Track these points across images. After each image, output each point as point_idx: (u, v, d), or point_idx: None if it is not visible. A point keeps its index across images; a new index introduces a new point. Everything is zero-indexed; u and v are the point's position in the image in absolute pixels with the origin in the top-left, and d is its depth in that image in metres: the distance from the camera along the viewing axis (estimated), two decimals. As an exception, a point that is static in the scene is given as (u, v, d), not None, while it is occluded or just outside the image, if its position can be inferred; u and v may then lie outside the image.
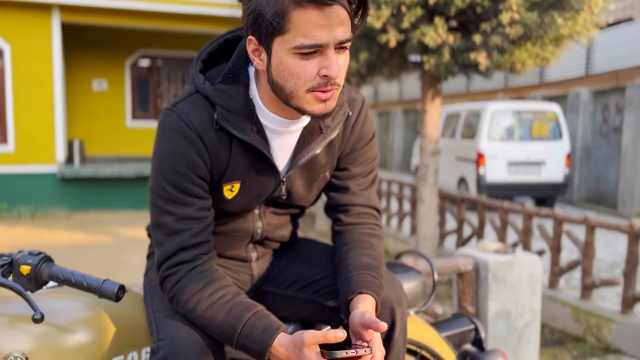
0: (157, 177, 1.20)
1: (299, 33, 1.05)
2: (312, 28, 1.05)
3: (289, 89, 1.11)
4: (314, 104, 1.13)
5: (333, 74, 1.08)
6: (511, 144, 8.62)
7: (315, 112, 1.14)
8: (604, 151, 9.79)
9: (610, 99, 9.59)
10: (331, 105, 1.14)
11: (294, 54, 1.08)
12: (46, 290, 1.34)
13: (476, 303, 2.64)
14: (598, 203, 9.84)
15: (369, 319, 1.08)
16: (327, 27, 1.05)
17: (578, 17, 4.38)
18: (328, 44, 1.07)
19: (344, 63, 1.12)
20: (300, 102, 1.13)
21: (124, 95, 11.07)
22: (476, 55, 4.24)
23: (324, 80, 1.09)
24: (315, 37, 1.05)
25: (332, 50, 1.08)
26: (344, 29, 1.07)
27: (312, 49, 1.07)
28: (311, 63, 1.08)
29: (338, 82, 1.12)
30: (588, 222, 4.06)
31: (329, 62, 1.08)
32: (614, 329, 3.73)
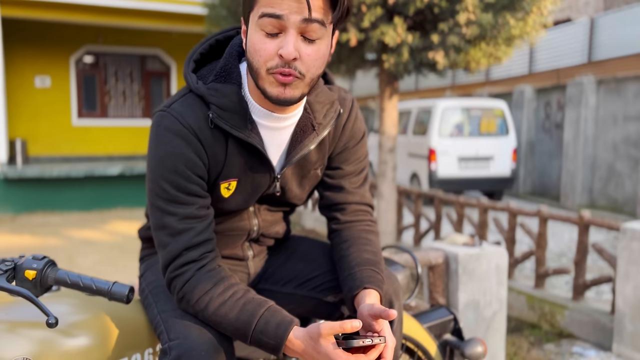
0: (156, 179, 1.20)
1: (263, 4, 1.09)
2: (274, 2, 1.08)
3: (255, 66, 1.14)
4: (273, 87, 1.13)
5: (286, 54, 1.09)
6: (461, 140, 8.88)
7: (274, 95, 1.14)
8: (547, 146, 10.24)
9: (552, 96, 10.04)
10: (290, 93, 1.14)
11: (259, 29, 1.11)
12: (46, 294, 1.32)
13: (447, 294, 2.74)
14: (542, 195, 10.29)
15: (379, 308, 1.13)
16: (289, 5, 1.08)
17: (528, 18, 4.57)
18: (287, 21, 1.08)
19: (310, 53, 1.12)
20: (262, 82, 1.14)
21: (69, 92, 10.71)
22: (434, 54, 4.35)
23: (281, 61, 1.10)
24: (274, 8, 1.08)
25: (292, 32, 1.09)
26: (307, 11, 1.08)
27: (273, 23, 1.09)
28: (272, 42, 1.10)
29: (300, 69, 1.12)
30: (541, 215, 4.25)
31: (285, 42, 1.09)
32: (567, 315, 3.94)
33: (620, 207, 8.62)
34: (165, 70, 11.47)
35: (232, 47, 1.26)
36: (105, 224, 8.08)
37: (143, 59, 11.29)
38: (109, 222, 8.27)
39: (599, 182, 9.02)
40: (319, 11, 1.10)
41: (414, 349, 1.82)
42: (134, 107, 11.36)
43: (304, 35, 1.11)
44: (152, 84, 11.39)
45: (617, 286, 3.36)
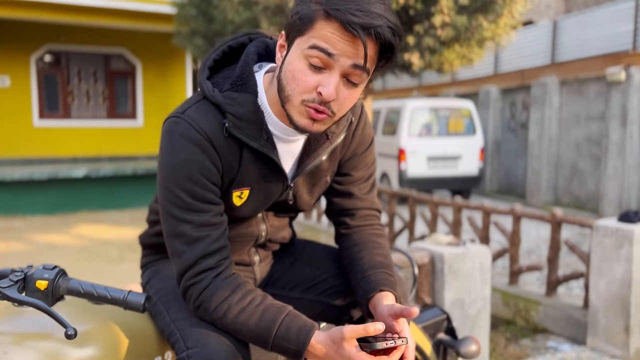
0: (170, 187, 1.18)
1: (316, 36, 1.08)
2: (329, 38, 1.07)
3: (288, 91, 1.13)
4: (301, 117, 1.13)
5: (326, 95, 1.09)
6: (430, 140, 9.01)
7: (300, 125, 1.14)
8: (513, 145, 10.48)
9: (517, 96, 10.28)
10: (318, 127, 1.15)
11: (305, 58, 1.10)
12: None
13: (432, 294, 2.77)
14: (508, 194, 10.53)
15: (400, 307, 1.13)
16: (343, 47, 1.07)
17: (499, 21, 4.68)
18: (336, 62, 1.08)
19: (347, 96, 1.12)
20: (292, 108, 1.14)
21: (29, 92, 10.39)
22: (410, 55, 4.41)
23: (318, 97, 1.10)
24: (328, 45, 1.07)
25: (337, 73, 1.09)
26: (358, 61, 1.08)
27: (321, 58, 1.08)
28: (314, 77, 1.10)
29: (334, 109, 1.12)
30: (514, 213, 4.35)
31: (328, 82, 1.09)
32: (541, 310, 4.04)
33: (583, 204, 8.90)
34: (130, 70, 11.25)
35: (247, 55, 1.25)
36: (71, 228, 7.87)
37: (107, 58, 11.04)
38: (75, 225, 8.06)
39: (563, 180, 9.29)
40: (369, 60, 1.09)
41: (410, 349, 1.84)
42: (98, 107, 11.10)
43: (345, 77, 1.11)
44: (116, 84, 11.15)
45: (591, 282, 3.46)
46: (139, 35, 10.69)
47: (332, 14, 1.05)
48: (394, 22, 1.08)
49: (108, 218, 8.66)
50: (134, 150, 11.20)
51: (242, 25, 5.04)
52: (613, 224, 3.32)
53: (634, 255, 3.18)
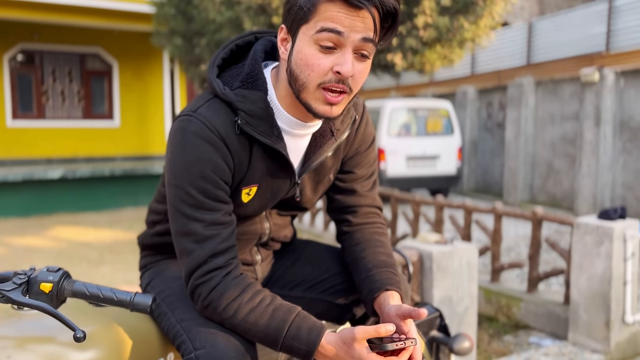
0: (182, 185, 1.18)
1: (322, 19, 1.09)
2: (336, 17, 1.08)
3: (302, 79, 1.13)
4: (320, 104, 1.15)
5: (345, 72, 1.10)
6: (409, 140, 9.08)
7: (320, 113, 1.16)
8: (489, 145, 10.63)
9: (493, 96, 10.43)
10: (337, 110, 1.17)
11: (315, 43, 1.10)
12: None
13: (421, 292, 2.80)
14: (485, 192, 10.67)
15: (408, 308, 1.15)
16: (350, 23, 1.08)
17: (480, 22, 4.74)
18: (347, 37, 1.09)
19: (361, 70, 1.14)
20: (309, 96, 1.14)
21: (2, 92, 10.18)
22: (392, 56, 4.45)
23: (336, 77, 1.11)
24: (336, 25, 1.08)
25: (349, 50, 1.10)
26: (367, 31, 1.09)
27: (332, 38, 1.09)
28: (327, 58, 1.11)
29: (351, 85, 1.14)
30: (496, 211, 4.41)
31: (344, 60, 1.10)
32: (522, 307, 4.11)
33: (558, 202, 9.07)
34: (106, 70, 11.09)
35: (255, 53, 1.25)
36: (47, 230, 7.73)
37: (83, 58, 10.87)
38: (51, 228, 7.92)
39: (539, 178, 9.46)
40: (371, 31, 1.11)
41: (404, 346, 1.86)
42: (74, 107, 10.92)
43: (357, 52, 1.12)
44: (92, 84, 10.98)
45: (572, 278, 3.53)
46: (115, 34, 10.55)
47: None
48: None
49: (85, 220, 8.53)
50: (111, 151, 11.05)
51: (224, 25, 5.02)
52: (593, 221, 3.40)
53: (614, 252, 3.26)
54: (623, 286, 3.32)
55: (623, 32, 8.06)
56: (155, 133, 11.38)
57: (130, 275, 5.34)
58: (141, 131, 11.33)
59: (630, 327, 3.40)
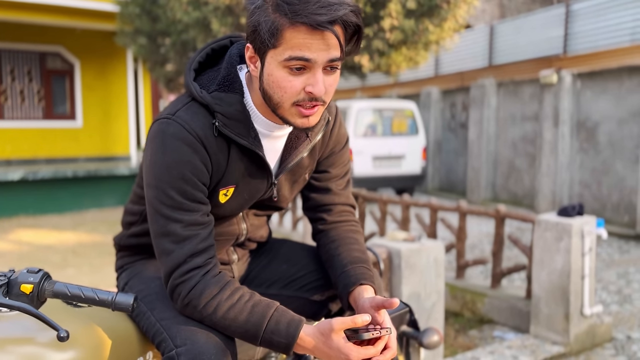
0: (161, 186, 1.21)
1: (289, 47, 1.12)
2: (302, 45, 1.11)
3: (276, 99, 1.18)
4: (297, 118, 1.20)
5: (317, 92, 1.15)
6: (375, 140, 9.20)
7: (298, 125, 1.21)
8: (453, 144, 10.84)
9: (457, 97, 10.64)
10: (314, 120, 1.22)
11: (284, 67, 1.14)
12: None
13: (390, 288, 2.87)
14: (449, 191, 10.88)
15: (381, 299, 1.20)
16: (317, 47, 1.12)
17: (444, 25, 4.85)
18: (316, 61, 1.13)
19: (332, 82, 1.19)
20: (285, 113, 1.20)
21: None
22: (360, 58, 4.51)
23: (308, 96, 1.16)
24: (303, 52, 1.12)
25: (319, 69, 1.14)
26: (333, 51, 1.14)
27: (300, 64, 1.13)
28: (298, 79, 1.15)
29: (324, 99, 1.19)
30: (460, 210, 4.53)
31: (315, 81, 1.14)
32: (486, 302, 4.23)
33: (520, 200, 9.32)
34: (68, 69, 10.85)
35: (231, 56, 1.29)
36: (8, 234, 7.54)
37: (43, 57, 10.61)
38: (12, 231, 7.72)
39: (501, 177, 9.70)
40: (337, 48, 1.14)
41: (376, 341, 1.91)
42: (34, 108, 10.65)
43: (326, 68, 1.16)
44: (53, 84, 10.73)
45: (533, 273, 3.66)
46: (77, 33, 10.34)
47: (297, 20, 1.09)
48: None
49: (47, 222, 8.35)
50: (73, 152, 10.82)
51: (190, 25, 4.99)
52: (553, 218, 3.53)
53: (572, 247, 3.39)
54: (581, 280, 3.46)
55: (580, 35, 8.34)
56: (119, 133, 11.19)
57: (95, 277, 5.27)
58: (104, 132, 11.13)
59: (588, 320, 3.55)
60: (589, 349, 3.56)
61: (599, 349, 3.59)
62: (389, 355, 1.16)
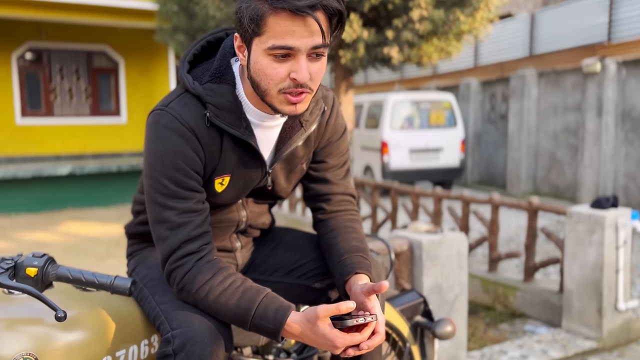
0: (156, 175, 1.25)
1: (272, 35, 1.14)
2: (285, 32, 1.13)
3: (263, 87, 1.20)
4: (284, 105, 1.22)
5: (301, 79, 1.16)
6: (412, 133, 9.12)
7: (286, 112, 1.23)
8: (493, 136, 10.64)
9: (496, 88, 10.43)
10: (301, 107, 1.23)
11: (268, 55, 1.16)
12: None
13: (412, 280, 2.87)
14: (489, 184, 10.69)
15: (371, 284, 1.22)
16: (299, 33, 1.14)
17: (476, 14, 4.77)
18: (299, 49, 1.15)
19: (317, 70, 1.20)
20: (272, 100, 1.22)
21: (11, 91, 10.31)
22: (389, 49, 4.49)
23: (293, 82, 1.18)
24: (286, 40, 1.14)
25: (303, 56, 1.16)
26: (316, 37, 1.15)
27: (284, 52, 1.15)
28: (283, 66, 1.17)
29: (310, 86, 1.20)
30: (493, 202, 4.46)
31: (299, 67, 1.16)
32: (519, 296, 4.16)
33: (561, 193, 9.08)
34: (113, 67, 11.20)
35: (224, 48, 1.32)
36: (56, 226, 7.87)
37: (89, 56, 10.98)
38: (60, 223, 8.06)
39: (542, 170, 9.46)
40: (319, 34, 1.16)
41: (388, 331, 1.93)
42: (81, 105, 11.05)
43: (311, 55, 1.18)
44: (99, 81, 11.10)
45: (565, 266, 3.58)
46: (120, 32, 10.65)
47: (278, 6, 1.12)
48: None
49: (94, 215, 8.66)
50: (118, 147, 11.17)
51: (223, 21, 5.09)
52: (586, 210, 3.44)
53: (605, 240, 3.30)
54: (615, 274, 3.37)
55: (624, 22, 8.04)
56: (162, 129, 11.46)
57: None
58: (148, 127, 11.43)
59: (622, 314, 3.45)
60: (624, 345, 3.46)
61: (634, 344, 3.48)
62: (376, 341, 1.18)
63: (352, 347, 1.17)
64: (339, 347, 1.15)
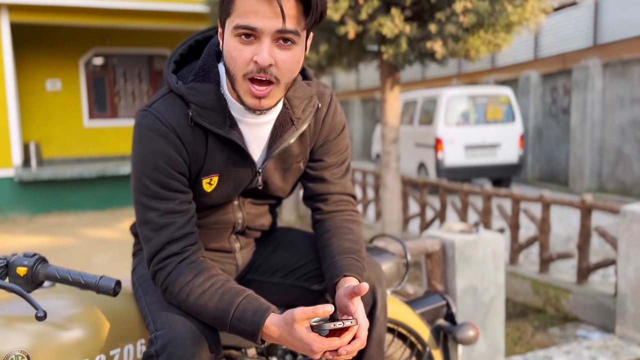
0: (138, 176, 1.25)
1: (238, 15, 1.13)
2: (249, 12, 1.12)
3: (231, 71, 1.18)
4: (247, 96, 1.18)
5: (262, 61, 1.13)
6: (467, 128, 8.87)
7: (249, 105, 1.19)
8: (554, 131, 10.18)
9: (558, 81, 9.97)
10: (266, 103, 1.19)
11: (235, 36, 1.15)
12: (40, 290, 1.39)
13: (445, 281, 2.78)
14: (550, 181, 10.24)
15: (352, 287, 1.17)
16: (262, 14, 1.11)
17: (526, 4, 4.56)
18: (262, 30, 1.12)
19: (286, 58, 1.16)
20: (239, 88, 1.19)
21: (79, 94, 10.85)
22: (432, 44, 4.37)
23: (256, 67, 1.15)
24: (249, 20, 1.12)
25: (267, 38, 1.13)
26: (281, 21, 1.12)
27: (247, 31, 1.13)
28: (247, 48, 1.14)
29: (276, 74, 1.16)
30: (543, 200, 4.27)
31: (260, 50, 1.13)
32: (571, 298, 3.96)
33: (629, 189, 8.57)
34: (172, 69, 11.57)
35: (210, 47, 1.31)
36: (118, 223, 8.20)
37: (151, 59, 11.39)
38: (122, 220, 8.39)
39: (607, 165, 8.97)
40: (292, 20, 1.13)
41: (406, 334, 1.87)
42: (143, 106, 11.49)
43: (278, 41, 1.15)
44: (160, 84, 11.49)
45: (619, 268, 3.37)
46: (180, 35, 10.97)
47: None
48: None
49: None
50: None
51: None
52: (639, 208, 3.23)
53: (661, 241, 3.08)
54: (672, 277, 3.14)
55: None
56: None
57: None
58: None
59: (681, 321, 3.21)
60: (682, 354, 3.22)
61: (694, 353, 3.24)
62: (356, 346, 1.13)
63: (331, 352, 1.13)
64: (316, 352, 1.11)
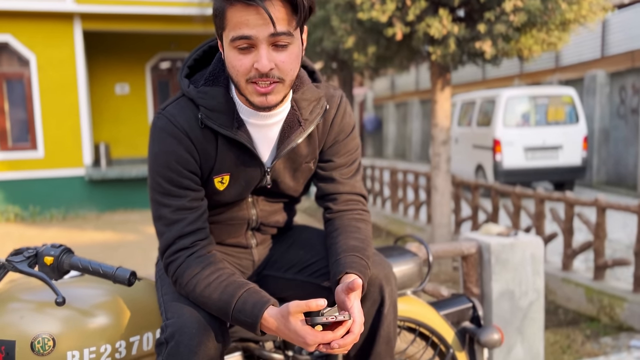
0: (153, 174, 1.35)
1: (232, 28, 1.20)
2: (240, 23, 1.18)
3: (234, 79, 1.26)
4: (254, 96, 1.25)
5: (262, 68, 1.19)
6: (527, 130, 8.61)
7: (257, 104, 1.26)
8: (622, 133, 9.70)
9: (627, 80, 9.49)
10: (273, 99, 1.25)
11: (233, 48, 1.22)
12: (69, 279, 1.50)
13: (481, 284, 2.74)
14: (618, 185, 9.76)
15: (347, 282, 1.21)
16: (253, 22, 1.18)
17: (583, 2, 4.40)
18: (257, 37, 1.18)
19: (284, 59, 1.22)
20: (245, 92, 1.26)
21: (145, 97, 11.34)
22: (481, 44, 4.30)
23: (257, 72, 1.21)
24: (242, 30, 1.18)
25: (263, 45, 1.19)
26: (272, 26, 1.17)
27: (244, 42, 1.19)
28: (247, 57, 1.21)
29: (279, 76, 1.23)
30: (598, 204, 4.10)
31: (259, 57, 1.19)
32: (627, 307, 3.79)
33: None
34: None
35: (220, 53, 1.38)
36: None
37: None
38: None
39: (681, 169, 8.47)
40: (282, 23, 1.19)
41: (428, 335, 1.88)
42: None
43: (274, 44, 1.21)
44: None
45: (675, 277, 3.21)
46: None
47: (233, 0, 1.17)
48: None
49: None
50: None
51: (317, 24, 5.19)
52: (696, 214, 3.06)
53: None
54: None
55: None
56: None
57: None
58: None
59: None
60: None
61: None
62: (349, 340, 1.17)
63: (324, 345, 1.17)
64: (309, 344, 1.16)
